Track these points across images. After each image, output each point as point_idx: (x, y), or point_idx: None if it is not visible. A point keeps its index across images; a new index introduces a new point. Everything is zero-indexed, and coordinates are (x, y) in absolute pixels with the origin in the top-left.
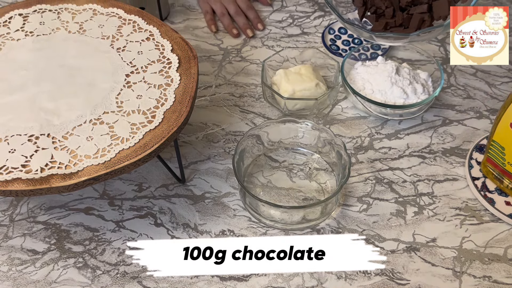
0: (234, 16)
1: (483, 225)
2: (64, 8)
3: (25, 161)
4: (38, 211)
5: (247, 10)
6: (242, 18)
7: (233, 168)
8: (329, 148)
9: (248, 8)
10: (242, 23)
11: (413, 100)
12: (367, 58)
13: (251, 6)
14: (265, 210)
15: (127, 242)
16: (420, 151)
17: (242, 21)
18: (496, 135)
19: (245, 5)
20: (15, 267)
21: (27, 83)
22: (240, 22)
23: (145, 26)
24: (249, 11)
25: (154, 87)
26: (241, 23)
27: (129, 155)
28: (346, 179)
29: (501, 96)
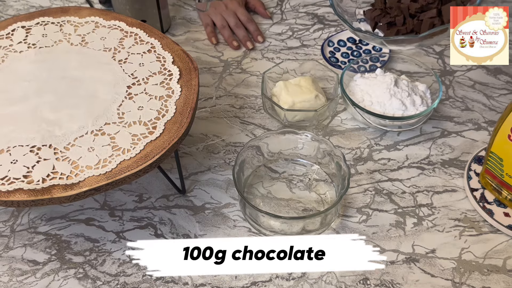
0: (234, 29)
1: (482, 236)
2: (67, 20)
3: (27, 172)
4: (39, 222)
5: (247, 23)
6: (242, 30)
7: (233, 179)
8: (329, 159)
9: (248, 20)
10: (242, 35)
11: (412, 111)
12: (366, 70)
13: (251, 19)
14: (265, 220)
15: (127, 243)
16: (419, 162)
17: (242, 34)
18: (494, 147)
19: (245, 18)
20: (16, 277)
21: (29, 94)
22: (240, 34)
23: (147, 38)
24: (249, 23)
25: (155, 99)
26: (241, 35)
27: (130, 165)
28: (346, 190)
29: (499, 108)
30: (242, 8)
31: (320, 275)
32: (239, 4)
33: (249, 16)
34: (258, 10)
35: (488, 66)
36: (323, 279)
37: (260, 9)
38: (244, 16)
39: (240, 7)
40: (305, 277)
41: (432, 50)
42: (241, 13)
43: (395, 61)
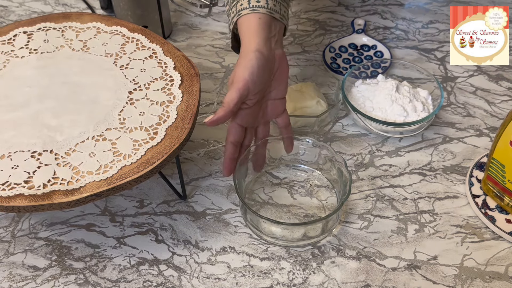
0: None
1: (484, 243)
2: (68, 26)
3: (28, 177)
4: (39, 227)
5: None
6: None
7: (234, 185)
8: (330, 165)
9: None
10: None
11: (413, 118)
12: (367, 76)
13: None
14: (266, 227)
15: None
16: (420, 168)
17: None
18: (496, 153)
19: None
20: (16, 283)
21: (30, 100)
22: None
23: (148, 44)
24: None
25: (157, 104)
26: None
27: (131, 171)
28: (347, 196)
29: (501, 114)
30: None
31: (321, 282)
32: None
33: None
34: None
35: (490, 73)
36: (324, 285)
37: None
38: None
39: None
40: (306, 283)
41: (434, 56)
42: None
43: (397, 67)
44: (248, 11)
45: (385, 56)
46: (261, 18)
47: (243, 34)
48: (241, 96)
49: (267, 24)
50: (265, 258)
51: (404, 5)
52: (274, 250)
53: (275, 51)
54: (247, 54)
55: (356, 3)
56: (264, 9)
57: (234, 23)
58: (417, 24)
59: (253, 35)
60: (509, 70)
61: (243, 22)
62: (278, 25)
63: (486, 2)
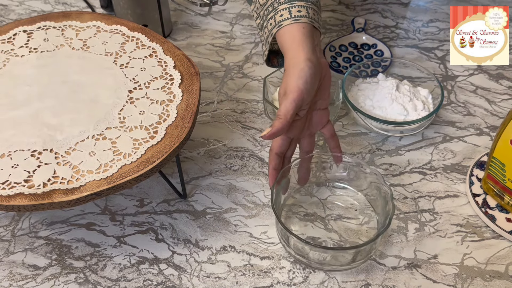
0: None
1: (484, 242)
2: (68, 25)
3: (28, 176)
4: (39, 226)
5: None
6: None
7: (271, 200)
8: (376, 193)
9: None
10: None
11: (413, 116)
12: (367, 75)
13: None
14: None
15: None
16: (420, 167)
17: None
18: (496, 152)
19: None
20: (16, 282)
21: (30, 98)
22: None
23: (148, 43)
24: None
25: (157, 103)
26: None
27: (131, 170)
28: (386, 229)
29: (501, 113)
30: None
31: (321, 281)
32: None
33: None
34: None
35: (490, 72)
36: (324, 284)
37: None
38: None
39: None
40: (307, 282)
41: (434, 55)
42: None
43: (397, 66)
44: (291, 21)
45: (385, 55)
46: (305, 27)
47: (287, 44)
48: (296, 106)
49: (310, 34)
50: (265, 257)
51: (405, 4)
52: (275, 249)
53: (321, 59)
54: (298, 64)
55: (356, 1)
56: (306, 18)
57: (273, 35)
58: (418, 23)
59: (300, 45)
60: (509, 69)
61: (285, 33)
62: (318, 34)
63: (486, 1)
